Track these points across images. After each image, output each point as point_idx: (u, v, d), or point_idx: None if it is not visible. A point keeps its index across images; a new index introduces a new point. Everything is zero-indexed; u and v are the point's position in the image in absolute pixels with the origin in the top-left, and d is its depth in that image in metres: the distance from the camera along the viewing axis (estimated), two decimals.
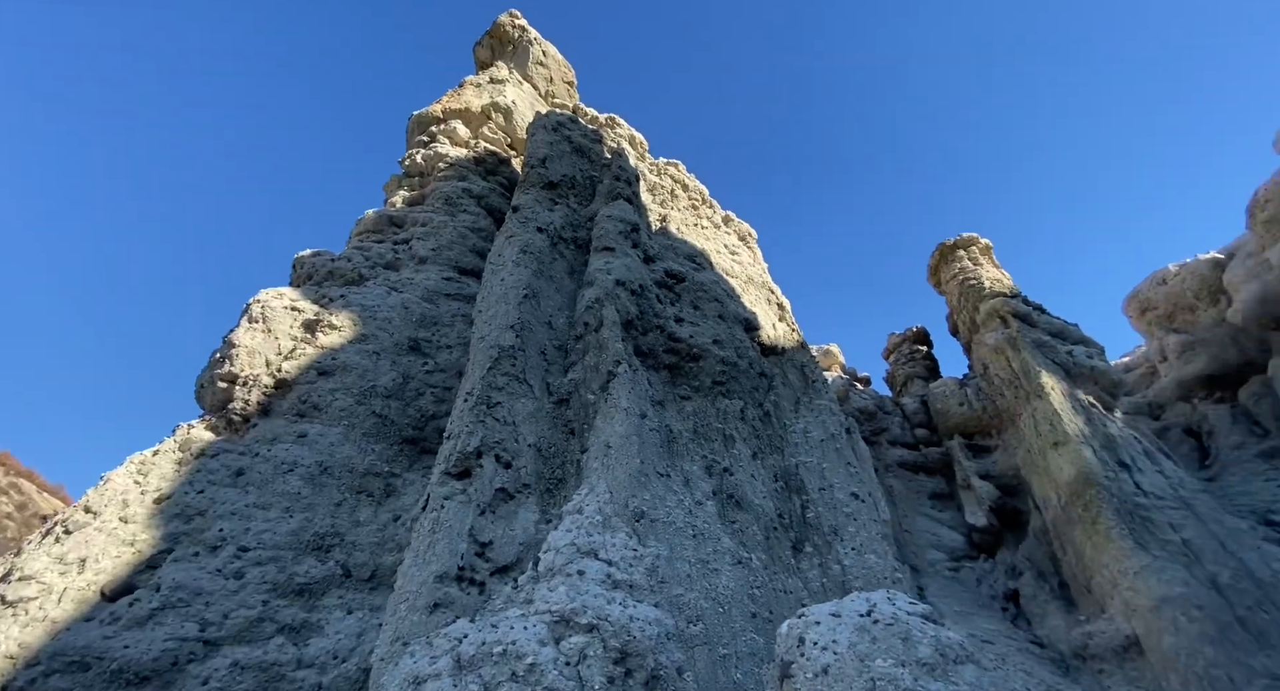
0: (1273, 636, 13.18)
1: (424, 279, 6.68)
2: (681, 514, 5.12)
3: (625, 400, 5.32)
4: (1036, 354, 16.68)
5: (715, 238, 8.50)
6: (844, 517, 6.77)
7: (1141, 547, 14.39)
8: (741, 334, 7.70)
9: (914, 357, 22.28)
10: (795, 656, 3.58)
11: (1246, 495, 18.30)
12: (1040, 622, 17.40)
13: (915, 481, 22.02)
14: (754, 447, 6.98)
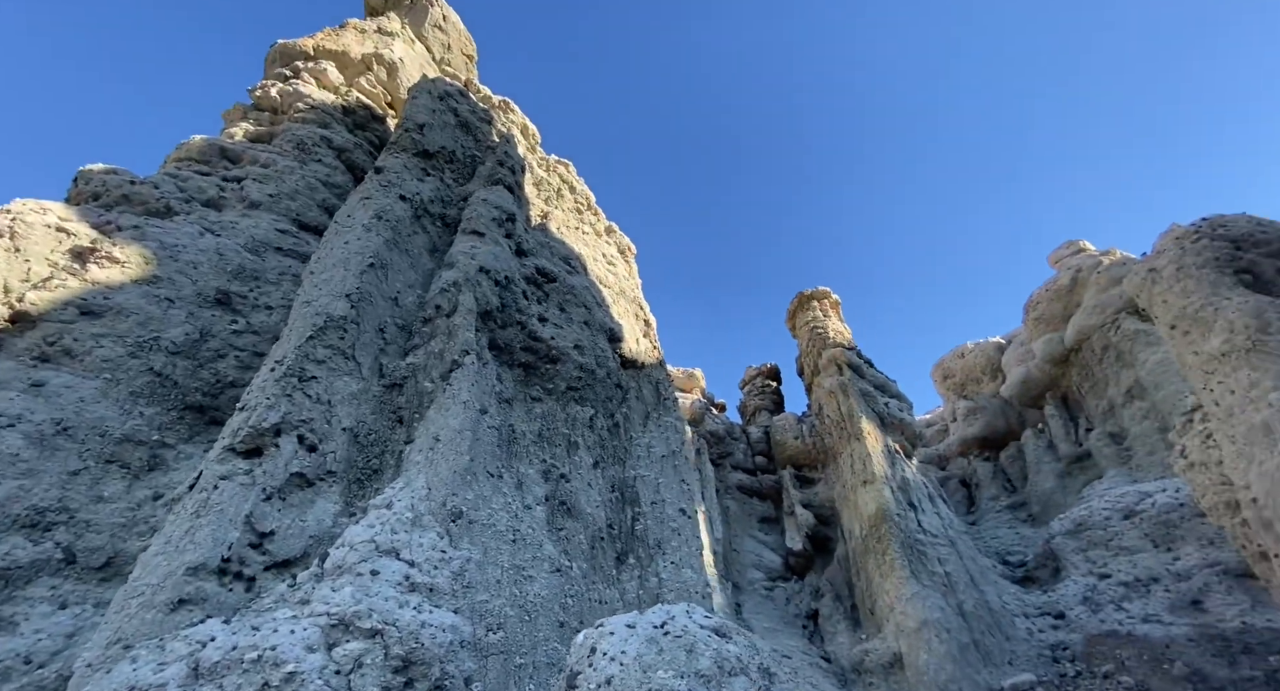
0: (995, 656, 16.00)
1: (252, 226, 5.74)
2: (506, 517, 4.92)
3: (466, 393, 5.02)
4: (861, 401, 18.98)
5: (595, 245, 8.53)
6: (670, 532, 7.02)
7: (915, 577, 16.80)
8: (605, 343, 7.75)
9: (764, 391, 24.23)
10: (584, 666, 3.56)
11: (995, 538, 22.31)
12: (831, 639, 19.53)
13: (749, 504, 23.78)
14: (597, 456, 7.00)
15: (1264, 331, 6.28)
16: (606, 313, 7.88)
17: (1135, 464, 18.37)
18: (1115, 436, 18.42)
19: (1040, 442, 21.14)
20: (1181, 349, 7.29)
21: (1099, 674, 13.81)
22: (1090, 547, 16.86)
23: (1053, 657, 15.31)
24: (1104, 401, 18.59)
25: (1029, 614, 17.38)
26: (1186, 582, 14.61)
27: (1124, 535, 15.96)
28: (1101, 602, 15.93)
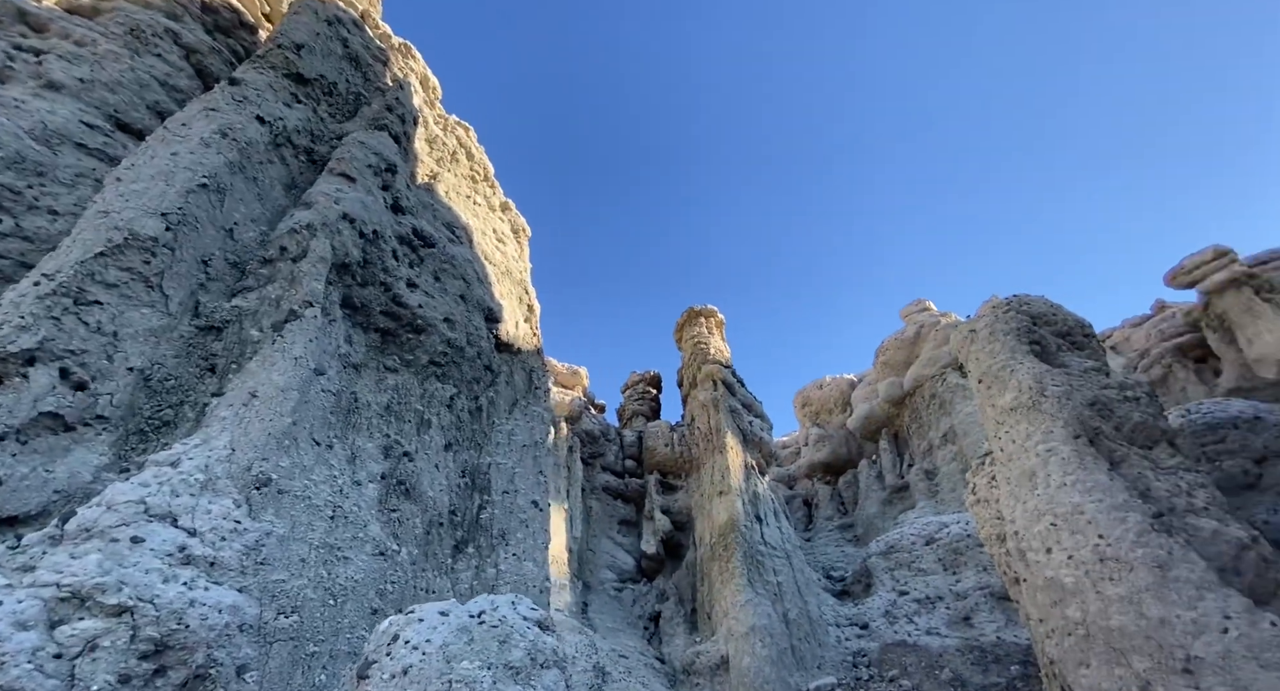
0: (808, 660, 17.55)
1: (47, 110, 4.63)
2: (328, 491, 4.43)
3: (301, 349, 4.45)
4: (729, 417, 20.09)
5: (486, 219, 8.13)
6: (518, 523, 6.82)
7: (750, 585, 18.00)
8: (481, 322, 7.38)
9: (644, 397, 24.79)
10: (381, 655, 3.29)
11: (824, 554, 24.63)
12: (669, 641, 20.30)
13: (612, 506, 24.09)
14: (451, 438, 6.62)
15: (1041, 394, 7.37)
16: (488, 290, 7.53)
17: (941, 498, 21.29)
18: (929, 473, 21.18)
19: (872, 472, 23.73)
20: (984, 401, 8.41)
21: (886, 677, 15.70)
22: (897, 568, 19.13)
23: (853, 663, 17.13)
24: (925, 442, 21.32)
25: (840, 623, 19.30)
26: (963, 601, 17.07)
27: (923, 558, 18.33)
28: (898, 616, 18.11)
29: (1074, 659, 6.16)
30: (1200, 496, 6.75)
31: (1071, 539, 6.54)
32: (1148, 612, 5.62)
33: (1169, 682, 5.25)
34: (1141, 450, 7.36)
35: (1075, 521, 6.52)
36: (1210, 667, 5.09)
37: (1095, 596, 6.11)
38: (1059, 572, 6.55)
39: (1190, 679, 5.15)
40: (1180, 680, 5.21)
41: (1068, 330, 8.99)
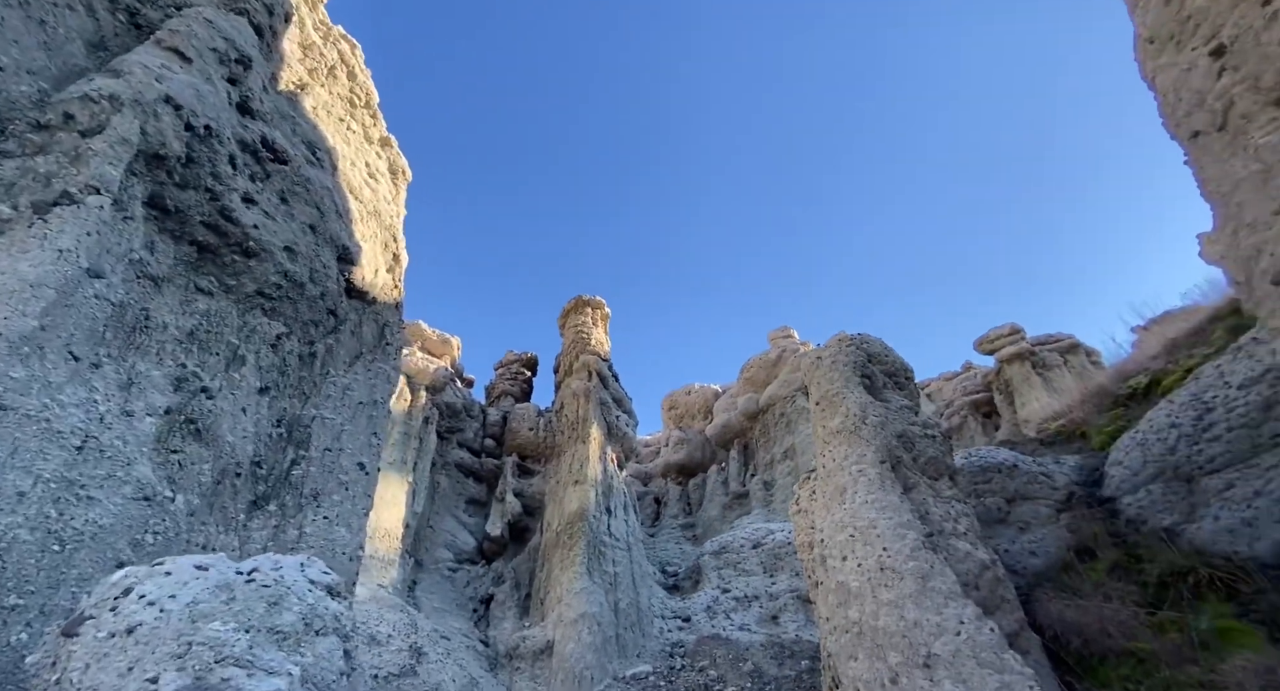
0: (630, 648, 18.19)
1: None
2: (79, 416, 3.62)
3: (71, 240, 3.59)
4: (598, 409, 20.27)
5: (360, 150, 7.32)
6: (337, 484, 6.21)
7: (588, 574, 18.27)
8: (331, 260, 6.62)
9: (517, 378, 24.19)
10: (103, 611, 2.75)
11: (664, 550, 25.78)
12: (497, 625, 19.95)
13: (463, 484, 23.14)
14: (270, 382, 5.84)
15: (863, 421, 8.17)
16: (346, 226, 6.78)
17: (774, 508, 23.26)
18: (768, 484, 23.05)
19: (719, 478, 25.29)
20: (817, 422, 9.20)
21: (697, 667, 16.78)
22: (724, 567, 20.52)
23: (670, 652, 18.06)
24: (769, 455, 23.17)
25: (666, 616, 20.25)
26: (774, 601, 18.74)
27: (748, 560, 19.87)
28: (718, 611, 19.42)
29: (846, 653, 6.94)
30: (963, 523, 7.95)
31: (864, 549, 7.36)
32: (906, 615, 6.46)
33: (911, 674, 6.08)
34: (929, 480, 8.51)
35: (868, 534, 7.34)
36: (943, 663, 5.98)
37: (872, 599, 6.92)
38: (848, 578, 7.34)
39: (928, 672, 6.01)
40: (920, 672, 6.05)
41: (894, 371, 10.18)
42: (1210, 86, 4.47)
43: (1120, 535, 10.66)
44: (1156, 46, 4.91)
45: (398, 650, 13.48)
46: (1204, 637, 7.62)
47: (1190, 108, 4.67)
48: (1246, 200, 4.32)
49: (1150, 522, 10.57)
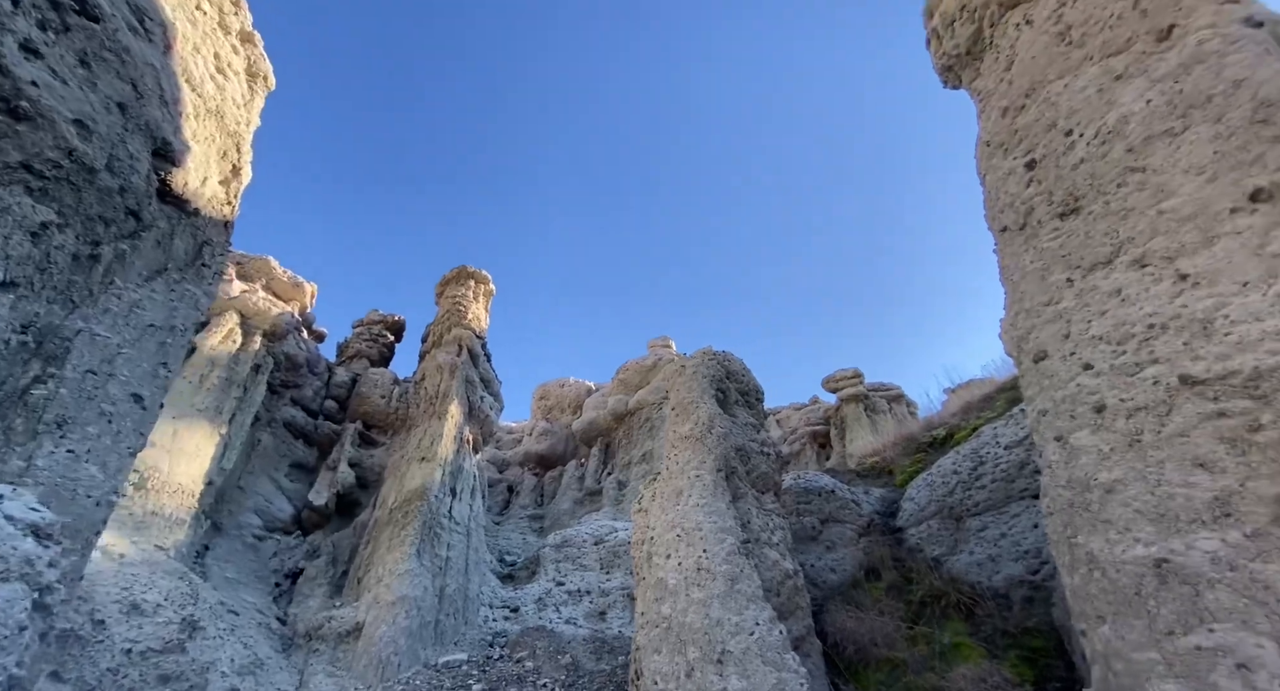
0: (448, 636, 17.41)
1: None
2: None
3: None
4: (463, 386, 19.29)
5: (210, 36, 6.19)
6: (95, 415, 5.14)
7: (418, 556, 17.24)
8: (143, 152, 5.50)
9: (378, 340, 22.26)
10: None
11: (507, 539, 25.19)
12: (302, 602, 18.07)
13: (290, 445, 20.73)
14: (19, 277, 4.68)
15: (709, 430, 8.47)
16: (171, 119, 5.69)
17: (623, 508, 23.76)
18: (622, 484, 23.49)
19: (576, 473, 25.31)
20: (671, 426, 9.40)
21: (514, 658, 16.50)
22: (564, 561, 20.50)
23: (491, 642, 17.59)
24: (628, 456, 23.65)
25: (495, 605, 19.72)
26: (605, 598, 19.05)
27: (588, 555, 20.05)
28: (549, 604, 19.31)
29: (653, 646, 7.12)
30: (778, 535, 8.57)
31: (687, 549, 7.63)
32: (712, 614, 6.78)
33: (705, 669, 6.38)
34: (757, 493, 9.10)
35: (694, 535, 7.63)
36: (734, 659, 6.34)
37: (685, 597, 7.19)
38: (668, 575, 7.57)
39: (720, 667, 6.34)
40: (713, 667, 6.36)
41: (748, 391, 10.79)
42: (1020, 192, 5.25)
43: (901, 560, 12.15)
44: (990, 150, 5.66)
45: (165, 622, 11.66)
46: (944, 650, 8.89)
47: (1004, 206, 5.45)
48: (1028, 290, 5.11)
49: (925, 552, 12.20)
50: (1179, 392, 3.92)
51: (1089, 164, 4.62)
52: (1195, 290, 3.96)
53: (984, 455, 12.11)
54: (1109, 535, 4.13)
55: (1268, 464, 3.51)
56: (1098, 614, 4.15)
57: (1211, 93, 3.88)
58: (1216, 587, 3.51)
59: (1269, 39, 3.89)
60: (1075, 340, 4.67)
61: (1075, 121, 4.75)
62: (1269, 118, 3.60)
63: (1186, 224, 4.03)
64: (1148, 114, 4.19)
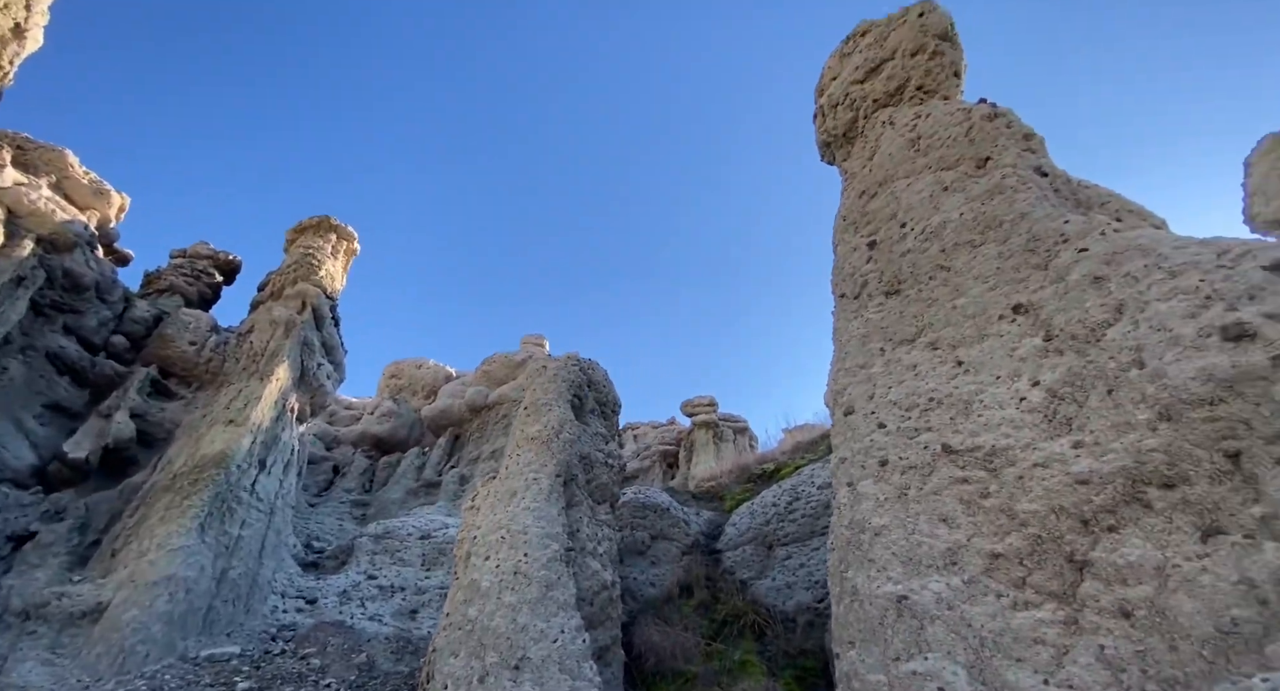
0: (220, 625, 15.18)
1: None
2: None
3: None
4: (298, 348, 17.20)
5: None
6: None
7: (201, 532, 14.88)
8: None
9: (201, 277, 19.07)
10: None
11: (319, 523, 22.75)
12: (26, 574, 14.65)
13: (52, 382, 16.88)
14: None
15: (557, 435, 8.40)
16: None
17: (461, 504, 22.72)
18: (464, 479, 22.49)
19: (417, 462, 23.75)
20: (519, 425, 9.20)
21: (300, 654, 14.83)
22: (381, 553, 19.00)
23: (274, 636, 15.64)
24: (477, 451, 22.75)
25: (289, 594, 17.65)
26: (420, 596, 17.94)
27: (410, 550, 18.80)
28: (354, 597, 17.71)
29: (450, 649, 6.81)
30: (604, 546, 8.72)
31: (508, 552, 7.45)
32: (519, 619, 6.67)
33: (500, 675, 6.23)
34: (593, 503, 9.20)
35: (518, 538, 7.48)
36: (532, 666, 6.27)
37: (496, 600, 7.00)
38: (483, 576, 7.33)
39: (515, 673, 6.23)
40: (508, 673, 6.23)
41: (605, 401, 10.95)
42: (861, 266, 5.99)
43: (715, 580, 12.99)
44: (845, 225, 6.39)
45: None
46: (733, 667, 9.60)
47: (846, 276, 6.17)
48: (851, 352, 5.82)
49: (737, 574, 13.15)
50: (940, 458, 4.69)
51: (913, 255, 5.43)
52: (965, 376, 4.79)
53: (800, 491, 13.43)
54: (870, 572, 4.78)
55: (989, 524, 4.31)
56: (850, 639, 4.76)
57: (1003, 219, 4.76)
58: (936, 623, 4.20)
59: (1048, 187, 4.89)
60: (877, 401, 5.41)
61: (910, 216, 5.57)
62: (1036, 249, 4.51)
63: (969, 321, 4.89)
64: (959, 224, 5.04)
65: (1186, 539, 3.32)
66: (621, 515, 14.21)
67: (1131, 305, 3.69)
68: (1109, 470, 3.63)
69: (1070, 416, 4.01)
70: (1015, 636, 3.87)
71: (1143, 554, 3.39)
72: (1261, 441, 3.04)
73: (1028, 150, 4.98)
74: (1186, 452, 3.32)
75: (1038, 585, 3.94)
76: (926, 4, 5.70)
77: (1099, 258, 3.93)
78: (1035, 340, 4.34)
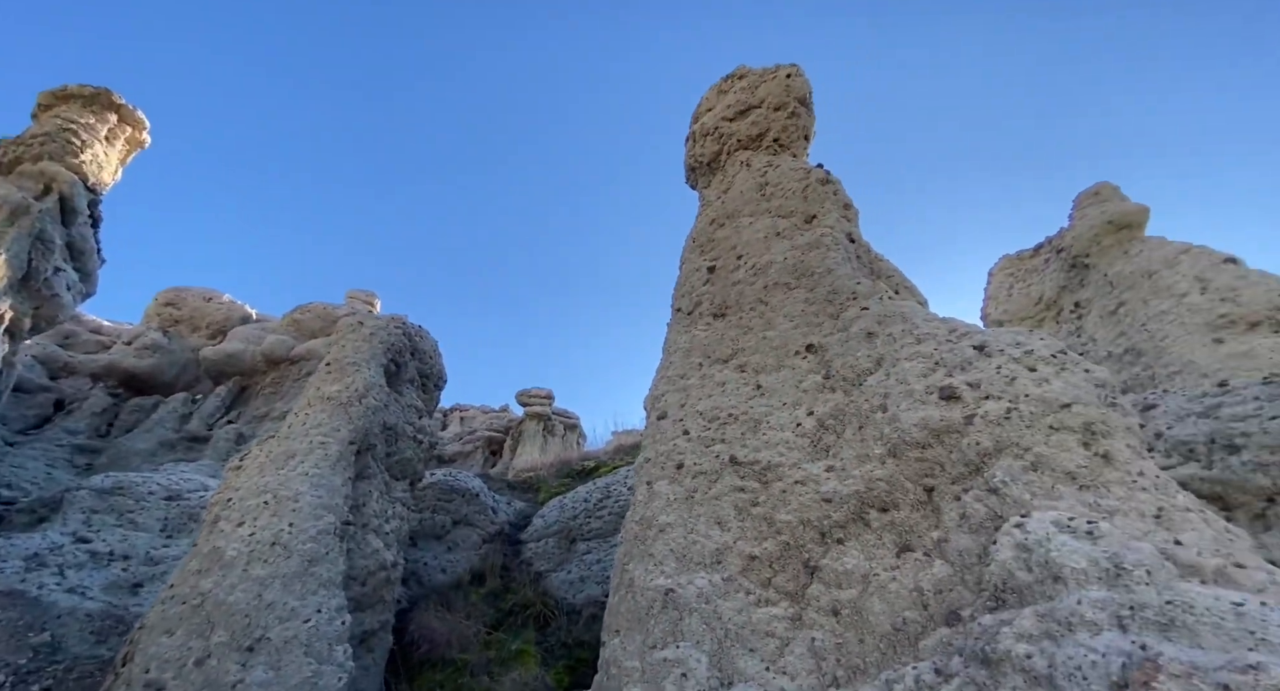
0: None
1: None
2: None
3: None
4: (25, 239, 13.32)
5: None
6: None
7: None
8: None
9: None
10: None
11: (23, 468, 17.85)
12: None
13: None
14: None
15: (359, 398, 7.66)
16: None
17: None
18: (243, 438, 19.39)
19: (182, 409, 19.91)
20: (315, 382, 8.25)
21: None
22: (106, 511, 15.48)
23: None
24: (266, 409, 19.80)
25: None
26: (152, 568, 14.93)
27: (150, 512, 15.59)
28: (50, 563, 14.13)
29: (164, 627, 5.77)
30: (392, 524, 8.11)
31: (270, 519, 6.56)
32: (266, 595, 5.88)
33: (226, 656, 5.41)
34: (390, 478, 8.52)
35: (286, 505, 6.63)
36: (271, 647, 5.55)
37: (242, 572, 6.10)
38: (229, 545, 6.35)
39: (247, 656, 5.45)
40: (237, 655, 5.44)
41: (429, 374, 10.26)
42: (699, 287, 6.43)
43: (511, 570, 12.85)
44: (693, 246, 6.82)
45: None
46: (508, 656, 9.53)
47: (686, 293, 6.58)
48: (675, 363, 6.20)
49: (535, 566, 13.15)
50: (727, 467, 5.19)
51: (741, 286, 5.98)
52: (761, 398, 5.38)
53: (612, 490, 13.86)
54: (648, 565, 5.10)
55: (753, 529, 4.86)
56: (616, 628, 5.01)
57: (815, 270, 5.47)
58: (693, 615, 4.61)
59: (853, 252, 5.74)
60: (687, 410, 5.83)
61: (746, 251, 6.13)
62: (833, 300, 5.25)
63: (773, 351, 5.52)
64: (782, 267, 5.68)
65: (888, 553, 4.06)
66: (425, 496, 13.39)
67: (888, 359, 4.48)
68: (847, 492, 4.32)
69: (830, 444, 4.71)
70: (753, 629, 4.39)
71: (856, 563, 4.08)
72: (948, 480, 3.87)
73: (845, 217, 5.80)
74: (900, 484, 4.09)
75: (779, 585, 4.53)
76: (794, 68, 6.39)
77: (874, 317, 4.70)
78: (817, 376, 5.04)
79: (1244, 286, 7.22)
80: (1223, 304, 6.89)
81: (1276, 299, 6.87)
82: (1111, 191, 9.86)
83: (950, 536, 3.70)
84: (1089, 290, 9.41)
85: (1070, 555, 2.90)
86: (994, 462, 3.60)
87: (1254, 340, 7.19)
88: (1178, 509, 3.23)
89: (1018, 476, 3.46)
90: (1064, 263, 10.47)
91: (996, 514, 3.50)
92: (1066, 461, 3.37)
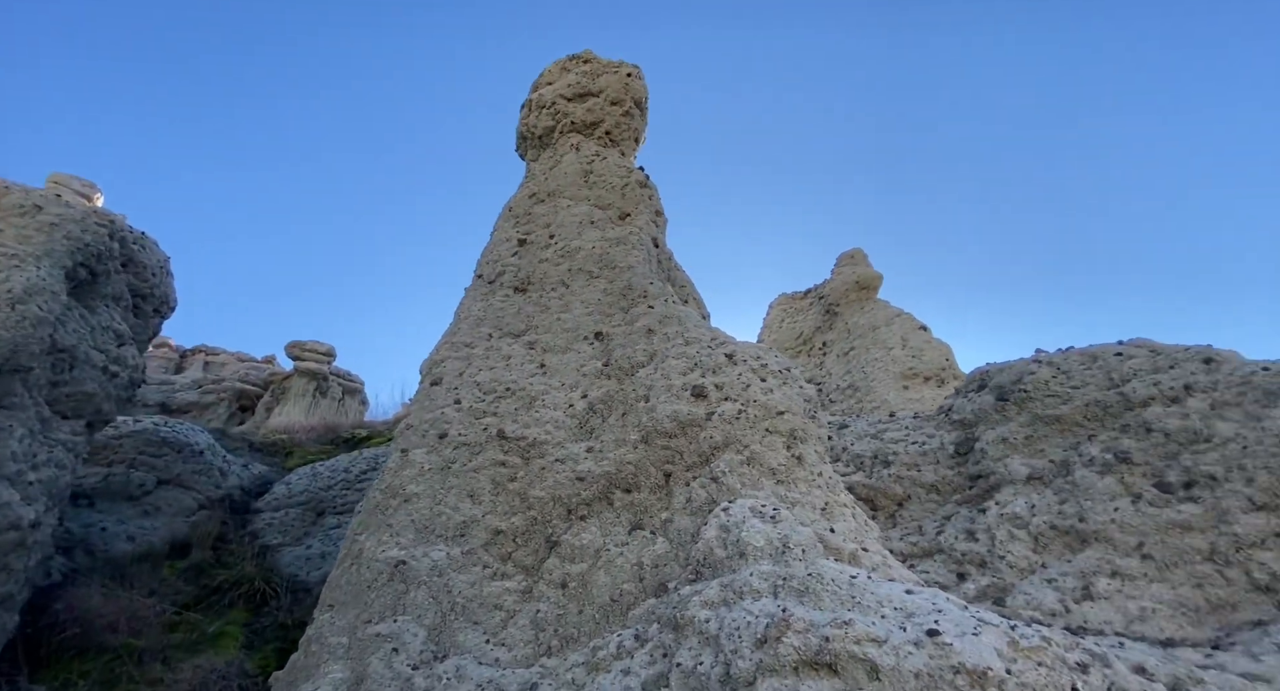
0: None
1: None
2: None
3: None
4: None
5: None
6: None
7: None
8: None
9: None
10: None
11: None
12: None
13: None
14: None
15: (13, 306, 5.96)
16: None
17: None
18: None
19: None
20: None
21: None
22: None
23: None
24: None
25: None
26: None
27: None
28: None
29: None
30: (43, 474, 6.34)
31: None
32: None
33: None
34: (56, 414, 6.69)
35: None
36: None
37: None
38: None
39: None
40: None
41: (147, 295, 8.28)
42: (505, 257, 6.23)
43: (229, 541, 10.95)
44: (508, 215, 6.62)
45: None
46: (201, 639, 8.06)
47: (491, 260, 6.33)
48: (463, 330, 5.91)
49: (264, 538, 11.40)
50: (493, 441, 5.07)
51: (547, 264, 5.95)
52: (542, 377, 5.39)
53: (380, 463, 12.68)
54: (383, 536, 4.71)
55: (505, 504, 4.80)
56: (331, 603, 4.52)
57: (618, 264, 5.69)
58: (421, 588, 4.37)
59: (654, 255, 6.09)
60: (464, 379, 5.56)
61: (559, 232, 6.12)
62: (627, 295, 5.50)
63: (565, 333, 5.58)
64: (589, 254, 5.78)
65: (622, 531, 4.34)
66: (121, 446, 10.79)
67: (659, 355, 4.83)
68: (599, 472, 4.53)
69: (595, 427, 4.90)
70: (482, 602, 4.32)
71: (592, 539, 4.28)
72: (684, 467, 4.30)
73: (654, 222, 6.14)
74: (645, 468, 4.42)
75: (518, 560, 4.54)
76: (635, 69, 6.62)
77: (657, 316, 5.04)
78: (598, 363, 5.22)
79: (928, 349, 9.53)
80: (912, 360, 9.07)
81: (943, 362, 9.20)
82: (861, 256, 12.31)
83: (675, 517, 4.10)
84: (834, 333, 11.60)
85: (755, 535, 3.39)
86: (720, 455, 4.10)
87: (926, 390, 9.48)
88: (839, 504, 4.02)
89: (735, 468, 3.98)
90: (822, 308, 12.67)
91: (714, 499, 3.97)
92: (772, 459, 3.98)
